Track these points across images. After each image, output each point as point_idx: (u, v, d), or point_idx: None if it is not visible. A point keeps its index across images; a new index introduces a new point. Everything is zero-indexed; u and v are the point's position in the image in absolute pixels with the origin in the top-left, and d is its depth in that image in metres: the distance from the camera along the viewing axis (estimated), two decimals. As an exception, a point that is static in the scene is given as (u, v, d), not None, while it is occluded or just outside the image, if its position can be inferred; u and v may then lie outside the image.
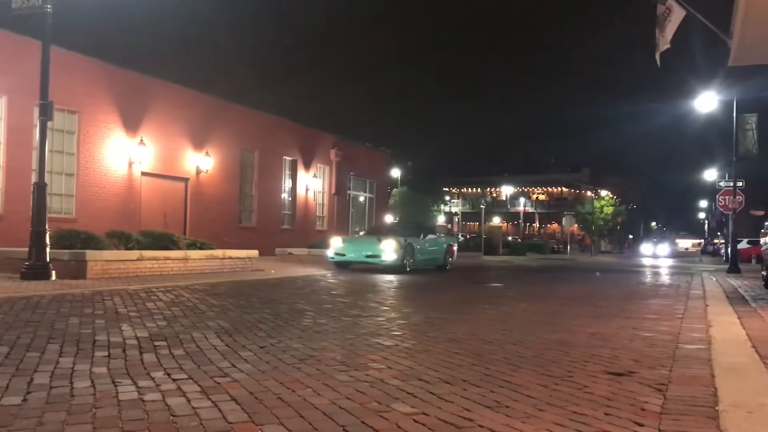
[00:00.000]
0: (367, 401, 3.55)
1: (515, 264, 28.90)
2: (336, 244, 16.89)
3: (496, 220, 67.54)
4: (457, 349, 5.32)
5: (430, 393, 3.76)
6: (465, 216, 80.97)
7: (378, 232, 18.04)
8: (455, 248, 19.79)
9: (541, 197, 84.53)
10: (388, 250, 15.86)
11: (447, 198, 76.13)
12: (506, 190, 68.41)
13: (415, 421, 3.20)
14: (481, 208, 47.05)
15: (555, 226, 78.86)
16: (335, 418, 3.22)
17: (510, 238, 55.69)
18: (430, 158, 77.47)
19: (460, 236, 44.87)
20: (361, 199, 32.27)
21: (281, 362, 4.57)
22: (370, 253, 16.09)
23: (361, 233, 19.35)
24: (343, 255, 16.40)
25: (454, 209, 79.29)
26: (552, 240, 66.60)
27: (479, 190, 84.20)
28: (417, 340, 5.71)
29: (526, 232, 76.53)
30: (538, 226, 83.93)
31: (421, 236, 17.59)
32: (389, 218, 37.03)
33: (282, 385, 3.86)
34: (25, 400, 3.42)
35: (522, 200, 73.94)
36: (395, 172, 46.01)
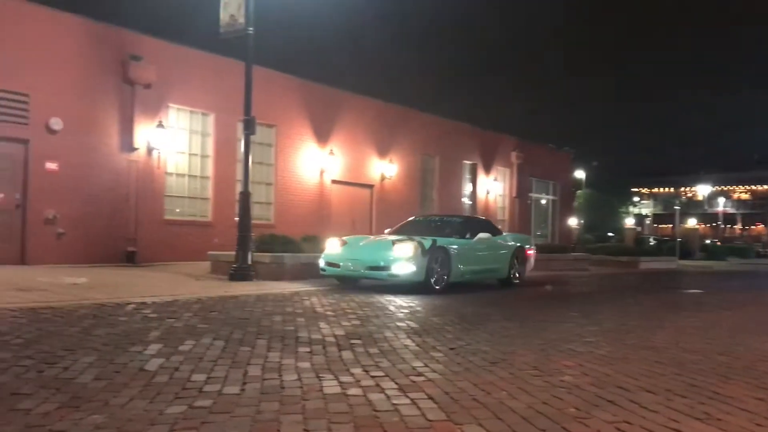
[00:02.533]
0: (565, 407, 3.48)
1: (715, 269, 26.78)
2: (331, 248, 11.25)
3: (692, 222, 62.90)
4: (656, 357, 5.05)
5: (632, 401, 3.60)
6: (656, 218, 76.25)
7: (409, 231, 12.15)
8: (531, 252, 13.63)
9: (743, 196, 77.44)
10: (401, 258, 10.32)
11: (636, 199, 72.17)
12: (702, 190, 63.42)
13: (617, 429, 3.09)
14: (675, 210, 43.98)
15: (760, 227, 71.92)
16: (534, 421, 3.19)
17: (708, 241, 51.62)
18: (618, 158, 73.99)
19: (651, 239, 42.29)
20: (543, 201, 31.54)
21: (472, 364, 4.61)
22: (374, 264, 10.60)
23: (386, 232, 12.94)
24: (338, 266, 10.87)
25: (644, 211, 74.97)
26: (757, 243, 60.77)
27: (672, 189, 78.92)
28: (612, 347, 5.49)
29: (726, 235, 70.51)
30: (740, 227, 76.97)
31: (467, 236, 11.87)
32: (572, 221, 35.79)
33: (476, 387, 3.89)
34: (242, 390, 3.75)
35: (721, 200, 68.28)
36: (579, 173, 44.40)
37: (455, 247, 11.19)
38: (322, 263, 11.14)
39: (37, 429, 2.97)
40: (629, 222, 54.13)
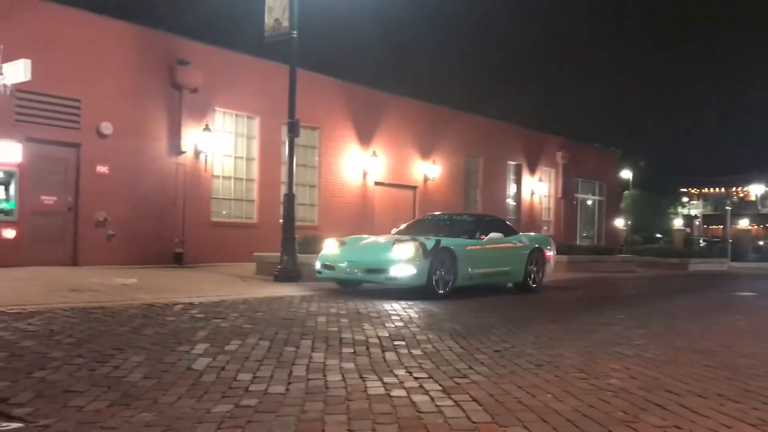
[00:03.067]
0: (612, 410, 3.42)
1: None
2: (329, 249, 10.47)
3: (744, 223, 61.17)
4: (707, 361, 4.93)
5: (682, 406, 3.52)
6: (706, 219, 74.35)
7: (417, 231, 11.30)
8: (550, 254, 12.36)
9: (799, 196, 74.99)
10: (401, 260, 9.47)
11: (685, 199, 70.56)
12: (755, 189, 61.58)
13: (666, 434, 3.03)
14: (726, 210, 42.81)
15: (817, 228, 69.50)
16: (579, 424, 3.15)
17: (761, 243, 50.14)
18: (667, 157, 72.35)
19: (701, 241, 41.26)
20: (589, 202, 31.06)
21: (517, 367, 4.57)
22: (372, 266, 9.79)
23: (393, 232, 11.97)
24: (333, 268, 10.08)
25: (693, 211, 73.20)
26: (814, 244, 58.70)
27: (723, 190, 76.87)
28: (661, 350, 5.38)
29: (781, 236, 68.34)
30: (796, 228, 74.53)
31: (477, 236, 10.87)
32: (619, 222, 35.14)
33: (521, 389, 3.86)
34: (287, 389, 3.79)
35: (775, 200, 66.18)
36: (627, 174, 43.61)
37: (462, 247, 10.30)
38: (318, 265, 10.37)
39: (89, 426, 3.05)
40: (678, 223, 52.93)
